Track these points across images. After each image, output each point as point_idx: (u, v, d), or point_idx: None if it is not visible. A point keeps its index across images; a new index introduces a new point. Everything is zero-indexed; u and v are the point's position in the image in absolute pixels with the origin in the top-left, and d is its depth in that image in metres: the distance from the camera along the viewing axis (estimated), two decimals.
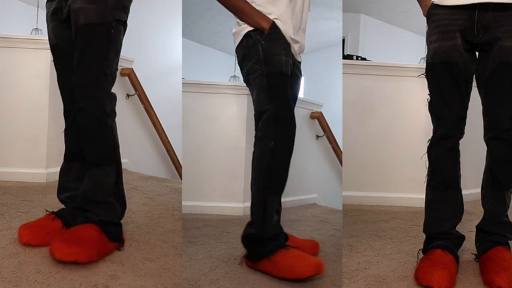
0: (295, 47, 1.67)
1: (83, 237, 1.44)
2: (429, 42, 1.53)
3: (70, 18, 1.51)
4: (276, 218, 1.63)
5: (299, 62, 1.77)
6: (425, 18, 1.57)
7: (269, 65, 1.58)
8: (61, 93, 1.65)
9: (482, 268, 1.50)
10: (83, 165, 1.61)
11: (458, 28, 1.46)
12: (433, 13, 1.50)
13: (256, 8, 1.63)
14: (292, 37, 1.65)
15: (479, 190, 1.63)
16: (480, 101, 1.55)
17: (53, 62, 1.65)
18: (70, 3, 1.48)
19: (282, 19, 1.63)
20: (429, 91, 1.58)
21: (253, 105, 1.66)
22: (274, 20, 1.61)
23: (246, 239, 1.62)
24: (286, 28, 1.62)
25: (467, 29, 1.46)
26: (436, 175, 1.58)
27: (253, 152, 1.66)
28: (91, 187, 1.55)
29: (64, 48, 1.57)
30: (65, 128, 1.67)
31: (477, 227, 1.63)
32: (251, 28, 1.62)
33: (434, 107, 1.57)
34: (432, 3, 1.50)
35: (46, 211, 1.60)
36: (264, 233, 1.56)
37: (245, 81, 1.71)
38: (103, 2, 1.48)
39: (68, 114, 1.64)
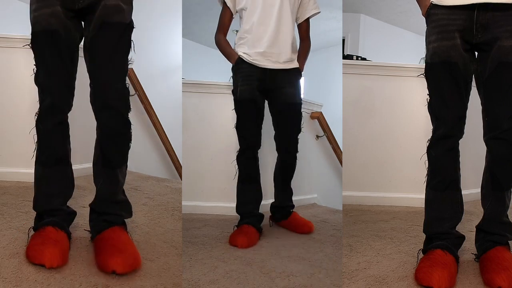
0: (271, 58, 2.02)
1: (124, 242, 1.46)
2: (428, 42, 1.54)
3: (85, 10, 1.47)
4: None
5: (285, 70, 2.06)
6: (424, 18, 1.57)
7: (235, 94, 2.07)
8: (47, 90, 1.48)
9: (482, 268, 1.50)
10: (67, 168, 1.56)
11: (457, 28, 1.46)
12: (432, 13, 1.50)
13: (240, 36, 2.07)
14: (263, 50, 2.00)
15: (479, 190, 1.63)
16: (480, 101, 1.55)
17: (36, 49, 1.47)
18: None
19: (252, 43, 2.02)
20: (429, 91, 1.58)
21: None
22: (239, 55, 2.04)
23: None
24: (254, 53, 2.01)
25: (466, 29, 1.46)
26: (436, 175, 1.58)
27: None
28: (114, 189, 1.56)
29: (64, 37, 1.45)
30: (46, 130, 1.50)
31: (477, 227, 1.63)
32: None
33: (433, 107, 1.57)
34: (431, 3, 1.50)
35: (40, 226, 1.46)
36: None
37: None
38: (131, 4, 1.52)
39: (53, 113, 1.50)
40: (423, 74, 1.59)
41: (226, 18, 2.15)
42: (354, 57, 4.36)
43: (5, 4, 4.74)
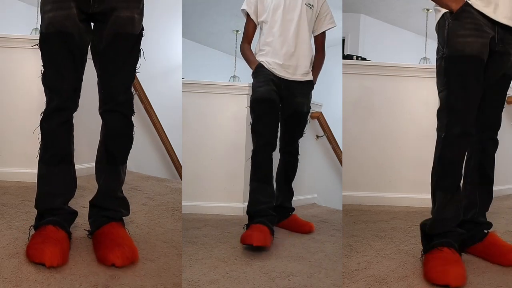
0: (289, 70, 2.14)
1: (122, 237, 1.52)
2: (455, 35, 1.52)
3: (96, 15, 1.49)
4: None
5: (299, 82, 2.17)
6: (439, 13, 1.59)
7: (253, 94, 2.13)
8: (56, 91, 1.49)
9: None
10: (70, 167, 1.57)
11: (489, 32, 1.52)
12: (467, 10, 1.51)
13: (260, 47, 2.18)
14: (282, 62, 2.12)
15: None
16: None
17: (47, 51, 1.49)
18: (116, 7, 1.48)
19: (272, 55, 2.13)
20: (446, 84, 1.55)
21: None
22: (260, 62, 2.14)
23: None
24: (273, 62, 2.12)
25: (493, 37, 1.53)
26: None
27: None
28: (115, 185, 1.64)
29: (77, 40, 1.47)
30: (51, 130, 1.52)
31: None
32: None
33: (452, 102, 1.54)
34: (466, 1, 1.52)
35: (41, 225, 1.47)
36: None
37: None
38: (143, 12, 1.57)
39: (60, 113, 1.51)
40: (442, 65, 1.56)
41: (250, 29, 2.26)
42: (354, 57, 4.36)
43: (5, 4, 4.74)
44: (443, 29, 1.55)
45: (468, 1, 1.52)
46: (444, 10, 1.56)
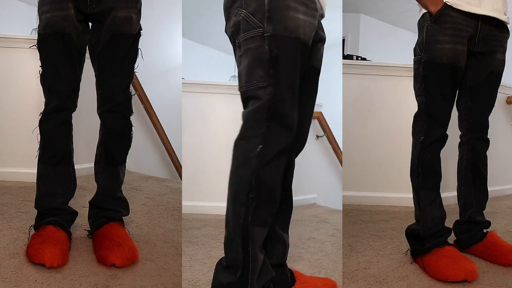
0: None
1: (122, 237, 1.52)
2: (434, 41, 1.51)
3: (93, 16, 1.49)
4: None
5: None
6: (424, 15, 1.56)
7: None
8: (55, 92, 1.49)
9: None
10: (70, 167, 1.58)
11: (468, 34, 1.50)
12: (446, 14, 1.50)
13: None
14: None
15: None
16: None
17: (45, 51, 1.49)
18: (113, 7, 1.47)
19: None
20: (424, 90, 1.56)
21: None
22: None
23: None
24: None
25: (472, 38, 1.51)
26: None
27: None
28: (114, 185, 1.64)
29: (75, 41, 1.47)
30: (49, 130, 1.52)
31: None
32: None
33: (430, 107, 1.56)
34: (445, 3, 1.50)
35: (41, 226, 1.47)
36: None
37: None
38: (140, 12, 1.57)
39: (59, 114, 1.51)
40: (422, 71, 1.56)
41: None
42: (354, 57, 4.35)
43: (5, 4, 4.74)
44: (422, 30, 1.55)
45: (448, 2, 1.49)
46: (424, 10, 1.55)
